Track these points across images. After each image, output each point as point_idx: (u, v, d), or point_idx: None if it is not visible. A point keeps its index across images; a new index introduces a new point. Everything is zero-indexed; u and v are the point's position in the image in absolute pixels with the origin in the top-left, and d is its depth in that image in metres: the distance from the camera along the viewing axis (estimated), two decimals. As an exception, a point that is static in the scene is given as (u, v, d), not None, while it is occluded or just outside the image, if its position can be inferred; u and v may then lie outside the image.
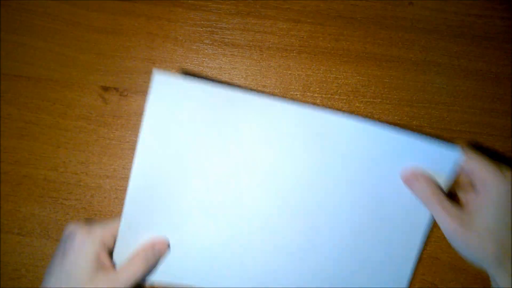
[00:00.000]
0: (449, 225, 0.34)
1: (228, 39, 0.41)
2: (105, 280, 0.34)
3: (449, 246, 0.40)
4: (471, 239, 0.33)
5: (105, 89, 0.41)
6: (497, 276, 0.34)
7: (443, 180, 0.36)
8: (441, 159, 0.35)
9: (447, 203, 0.34)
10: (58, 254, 0.35)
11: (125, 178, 0.41)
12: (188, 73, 0.41)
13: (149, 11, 0.41)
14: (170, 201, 0.36)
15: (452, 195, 0.36)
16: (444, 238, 0.40)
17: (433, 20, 0.41)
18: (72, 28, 0.42)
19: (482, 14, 0.41)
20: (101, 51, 0.41)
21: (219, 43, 0.41)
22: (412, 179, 0.36)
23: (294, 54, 0.41)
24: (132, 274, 0.35)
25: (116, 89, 0.41)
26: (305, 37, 0.41)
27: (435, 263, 0.40)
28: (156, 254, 0.36)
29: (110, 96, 0.41)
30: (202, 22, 0.42)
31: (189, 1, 0.42)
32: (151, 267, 0.36)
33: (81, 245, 0.34)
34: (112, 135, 0.41)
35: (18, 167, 0.41)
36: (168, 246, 0.37)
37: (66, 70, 0.41)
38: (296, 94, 0.41)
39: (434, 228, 0.40)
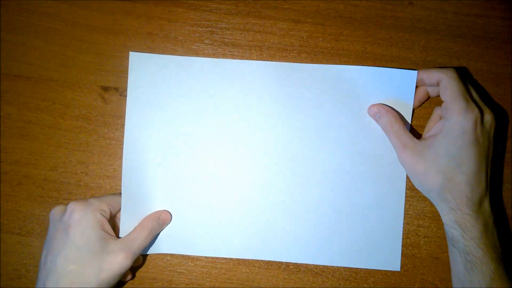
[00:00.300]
0: (400, 154, 0.36)
1: (228, 39, 0.41)
2: (118, 247, 0.34)
3: (449, 246, 0.40)
4: (419, 169, 0.34)
5: (105, 89, 0.41)
6: (440, 209, 0.35)
7: (408, 104, 0.38)
8: (405, 85, 0.38)
9: (402, 133, 0.36)
10: (56, 235, 0.34)
11: (125, 178, 0.41)
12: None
13: (149, 11, 0.41)
14: (163, 172, 0.39)
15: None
16: (444, 238, 0.40)
17: (433, 20, 0.41)
18: (72, 28, 0.42)
19: (482, 14, 0.41)
20: (101, 51, 0.41)
21: (219, 43, 0.41)
22: (376, 113, 0.38)
23: (294, 54, 0.41)
24: (142, 241, 0.36)
25: (116, 89, 0.41)
26: (305, 37, 0.41)
27: (435, 263, 0.40)
28: (161, 224, 0.38)
29: (110, 96, 0.41)
30: (202, 22, 0.42)
31: (189, 1, 0.42)
32: (154, 236, 0.38)
33: (83, 216, 0.34)
34: (112, 135, 0.41)
35: (18, 167, 0.41)
36: (171, 216, 0.39)
37: (66, 70, 0.41)
38: (296, 94, 0.41)
39: (433, 228, 0.40)
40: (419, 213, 0.40)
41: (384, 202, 0.39)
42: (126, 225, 0.38)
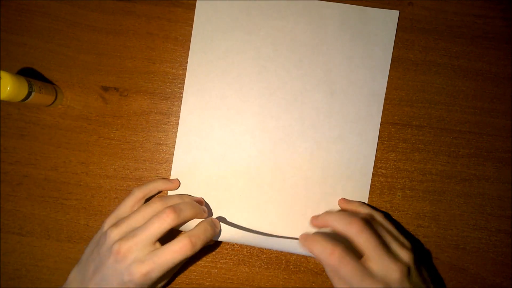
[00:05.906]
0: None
1: (228, 39, 0.41)
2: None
3: (448, 246, 0.40)
4: None
5: (105, 89, 0.41)
6: None
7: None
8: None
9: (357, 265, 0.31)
10: (110, 276, 0.32)
11: (126, 178, 0.41)
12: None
13: (149, 11, 0.41)
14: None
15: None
16: (444, 238, 0.40)
17: (433, 20, 0.41)
18: (73, 28, 0.42)
19: (481, 14, 0.41)
20: (101, 51, 0.41)
21: (219, 43, 0.41)
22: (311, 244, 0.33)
23: (294, 54, 0.41)
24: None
25: (116, 89, 0.41)
26: (305, 37, 0.41)
27: (435, 263, 0.40)
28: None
29: (110, 96, 0.41)
30: (202, 22, 0.41)
31: (189, 1, 0.42)
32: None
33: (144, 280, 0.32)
34: (112, 135, 0.41)
35: (19, 167, 0.41)
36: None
37: (66, 70, 0.41)
38: (296, 94, 0.41)
39: (433, 228, 0.40)
40: (419, 213, 0.40)
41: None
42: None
